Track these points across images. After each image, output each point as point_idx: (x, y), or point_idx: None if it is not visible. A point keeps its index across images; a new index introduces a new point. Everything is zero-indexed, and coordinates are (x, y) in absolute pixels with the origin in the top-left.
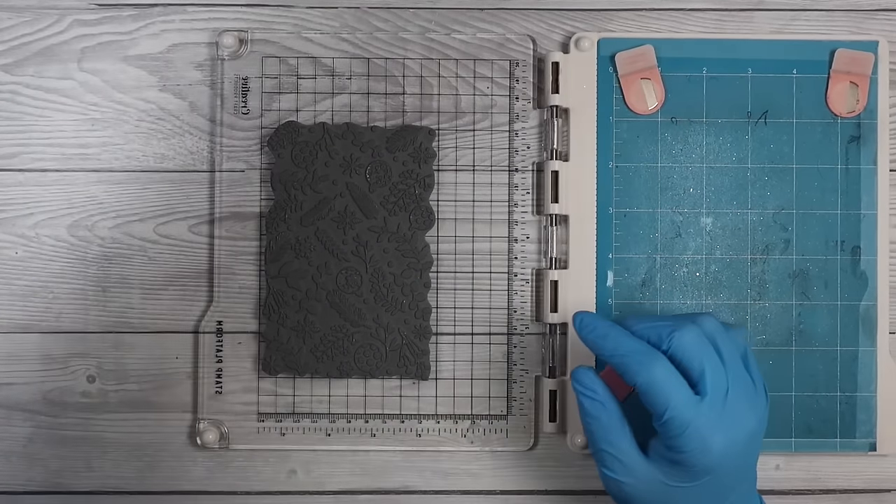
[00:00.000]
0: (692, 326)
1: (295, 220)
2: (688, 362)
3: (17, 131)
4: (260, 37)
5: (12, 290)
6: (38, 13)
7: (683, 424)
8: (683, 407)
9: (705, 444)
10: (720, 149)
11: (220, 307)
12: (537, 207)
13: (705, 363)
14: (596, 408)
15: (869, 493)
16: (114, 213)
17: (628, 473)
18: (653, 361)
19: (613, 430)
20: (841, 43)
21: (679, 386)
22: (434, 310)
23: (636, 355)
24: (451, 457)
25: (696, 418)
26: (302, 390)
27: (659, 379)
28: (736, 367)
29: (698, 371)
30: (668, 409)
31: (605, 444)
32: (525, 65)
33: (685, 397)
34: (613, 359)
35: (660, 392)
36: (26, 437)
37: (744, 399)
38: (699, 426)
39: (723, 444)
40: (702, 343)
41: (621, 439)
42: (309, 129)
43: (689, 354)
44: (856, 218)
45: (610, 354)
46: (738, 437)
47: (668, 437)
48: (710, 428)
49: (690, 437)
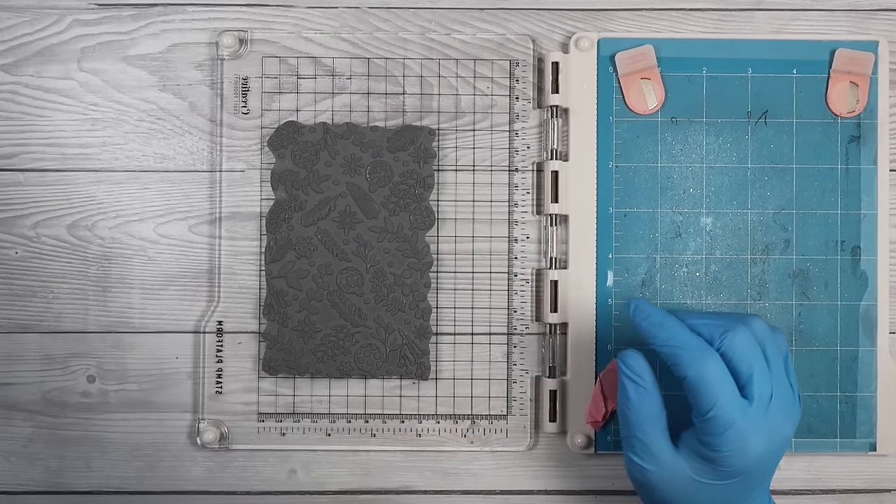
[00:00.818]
0: (744, 328)
1: (296, 221)
2: (737, 364)
3: (16, 131)
4: (260, 37)
5: (12, 290)
6: (38, 13)
7: (726, 424)
8: (730, 406)
9: (745, 447)
10: (720, 149)
11: (221, 307)
12: (537, 207)
13: (754, 367)
14: (640, 394)
15: (869, 493)
16: (114, 213)
17: (655, 462)
18: (706, 357)
19: (650, 419)
20: (841, 43)
21: (728, 385)
22: (434, 310)
23: (690, 348)
24: (451, 457)
25: (740, 420)
26: (302, 390)
27: (710, 375)
28: (779, 372)
29: (746, 374)
30: (715, 406)
31: (638, 432)
32: (525, 65)
33: (732, 398)
34: (666, 349)
35: (709, 389)
36: (26, 437)
37: (784, 406)
38: (742, 428)
39: (761, 449)
40: (752, 346)
41: (655, 429)
42: (310, 129)
43: (739, 356)
44: (856, 218)
45: (662, 344)
46: (775, 443)
47: (707, 434)
48: (752, 432)
49: (730, 438)
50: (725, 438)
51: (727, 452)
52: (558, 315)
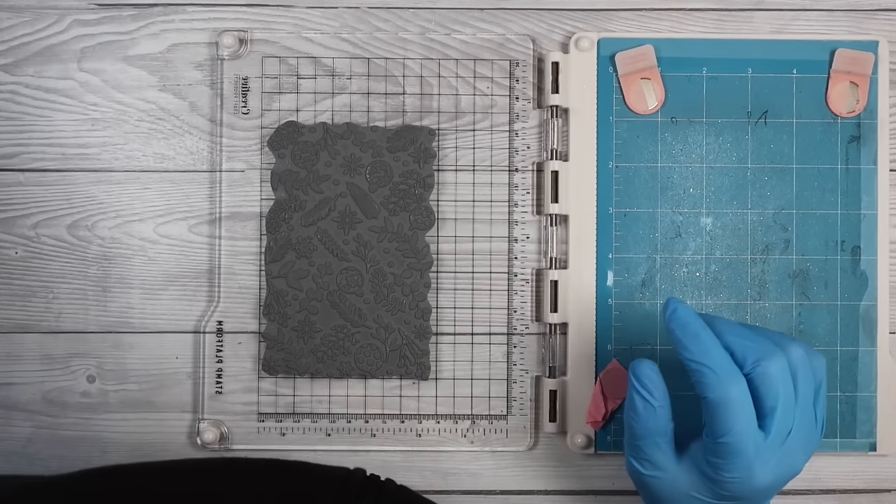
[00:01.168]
0: (780, 357)
1: (296, 221)
2: (763, 393)
3: (17, 131)
4: (260, 37)
5: (12, 290)
6: (38, 13)
7: (736, 453)
8: (744, 436)
9: (750, 477)
10: (720, 149)
11: (221, 307)
12: (537, 207)
13: (780, 400)
14: (647, 410)
15: (869, 493)
16: (114, 213)
17: (657, 470)
18: (731, 382)
19: (657, 433)
20: (841, 43)
21: (747, 414)
22: (434, 310)
23: (718, 370)
24: (451, 457)
25: (751, 452)
26: (302, 390)
27: (731, 402)
28: (805, 405)
29: (770, 406)
30: (729, 434)
31: (642, 443)
32: (525, 65)
33: (748, 428)
34: (694, 365)
35: (727, 416)
36: (26, 437)
37: (802, 440)
38: (752, 459)
39: (767, 481)
40: (784, 377)
41: (661, 442)
42: (310, 129)
43: (767, 386)
44: (856, 218)
45: (692, 359)
46: (783, 476)
47: (715, 456)
48: (761, 465)
49: (738, 467)
50: (732, 465)
51: (731, 479)
52: (558, 315)
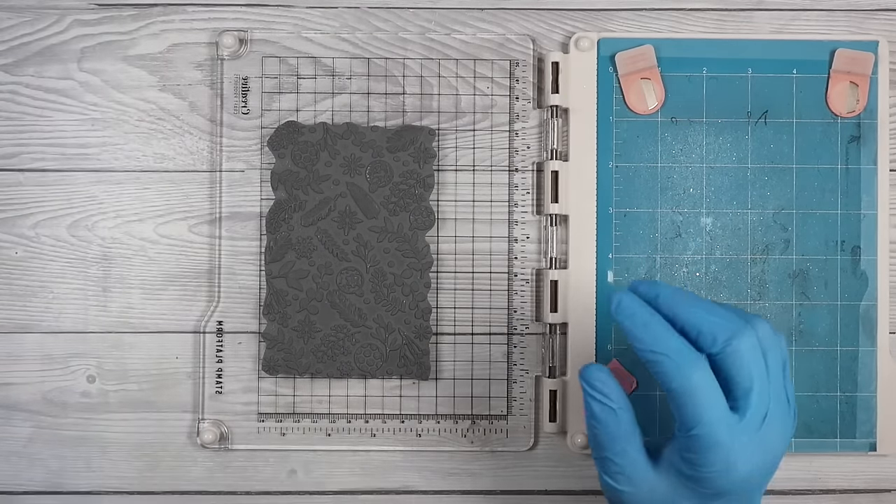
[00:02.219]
0: (751, 333)
1: (296, 221)
2: (737, 373)
3: (17, 131)
4: (260, 37)
5: (12, 290)
6: (38, 13)
7: (711, 444)
8: (716, 424)
9: (730, 468)
10: (720, 149)
11: (221, 307)
12: (537, 207)
13: (754, 380)
14: (606, 414)
15: (869, 493)
16: (114, 213)
17: (631, 483)
18: (692, 367)
19: (622, 438)
20: (841, 43)
21: (715, 399)
22: (434, 310)
23: (675, 356)
24: (451, 457)
25: (726, 440)
26: (302, 390)
27: (696, 388)
28: (777, 384)
29: (745, 387)
30: (700, 424)
31: (609, 453)
32: (525, 65)
33: (720, 414)
34: (648, 354)
35: (694, 403)
36: (26, 437)
37: (779, 421)
38: (728, 448)
39: (748, 470)
40: (756, 355)
41: (629, 448)
42: (310, 129)
43: (740, 365)
44: (856, 218)
45: (645, 348)
46: (766, 462)
47: (690, 451)
48: (740, 451)
49: (715, 458)
50: (709, 457)
51: (710, 473)
52: (558, 315)
